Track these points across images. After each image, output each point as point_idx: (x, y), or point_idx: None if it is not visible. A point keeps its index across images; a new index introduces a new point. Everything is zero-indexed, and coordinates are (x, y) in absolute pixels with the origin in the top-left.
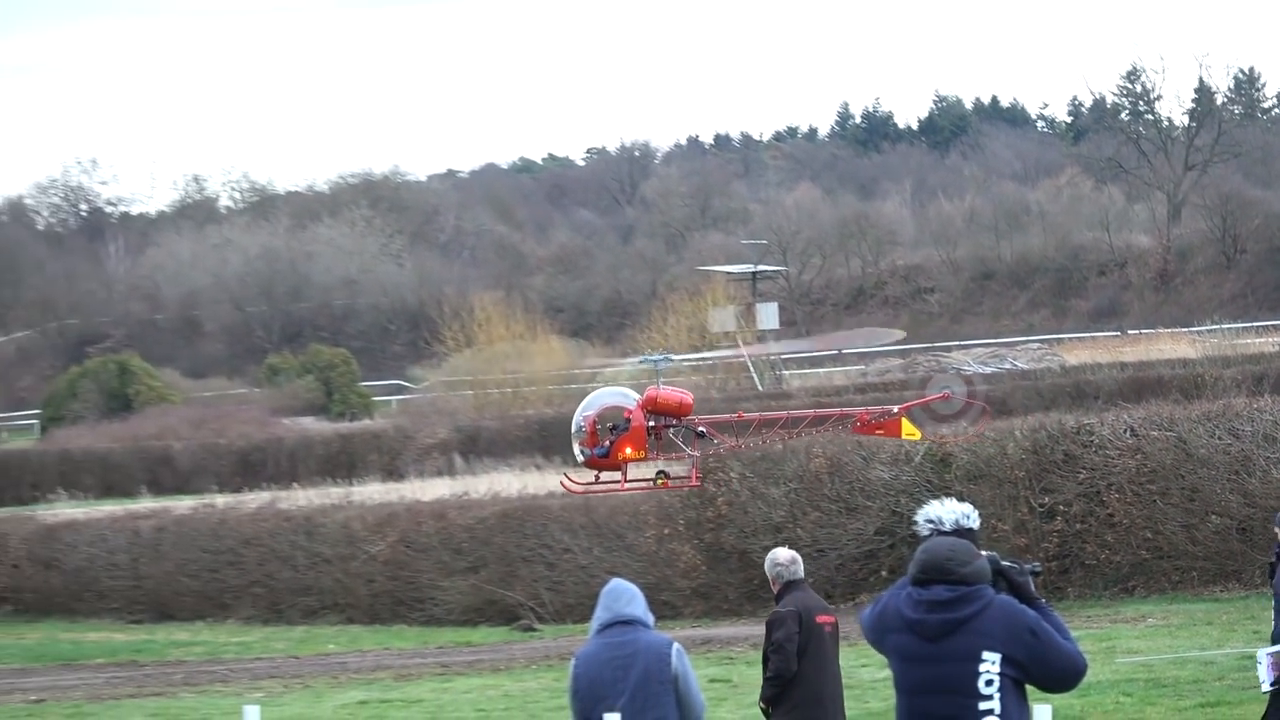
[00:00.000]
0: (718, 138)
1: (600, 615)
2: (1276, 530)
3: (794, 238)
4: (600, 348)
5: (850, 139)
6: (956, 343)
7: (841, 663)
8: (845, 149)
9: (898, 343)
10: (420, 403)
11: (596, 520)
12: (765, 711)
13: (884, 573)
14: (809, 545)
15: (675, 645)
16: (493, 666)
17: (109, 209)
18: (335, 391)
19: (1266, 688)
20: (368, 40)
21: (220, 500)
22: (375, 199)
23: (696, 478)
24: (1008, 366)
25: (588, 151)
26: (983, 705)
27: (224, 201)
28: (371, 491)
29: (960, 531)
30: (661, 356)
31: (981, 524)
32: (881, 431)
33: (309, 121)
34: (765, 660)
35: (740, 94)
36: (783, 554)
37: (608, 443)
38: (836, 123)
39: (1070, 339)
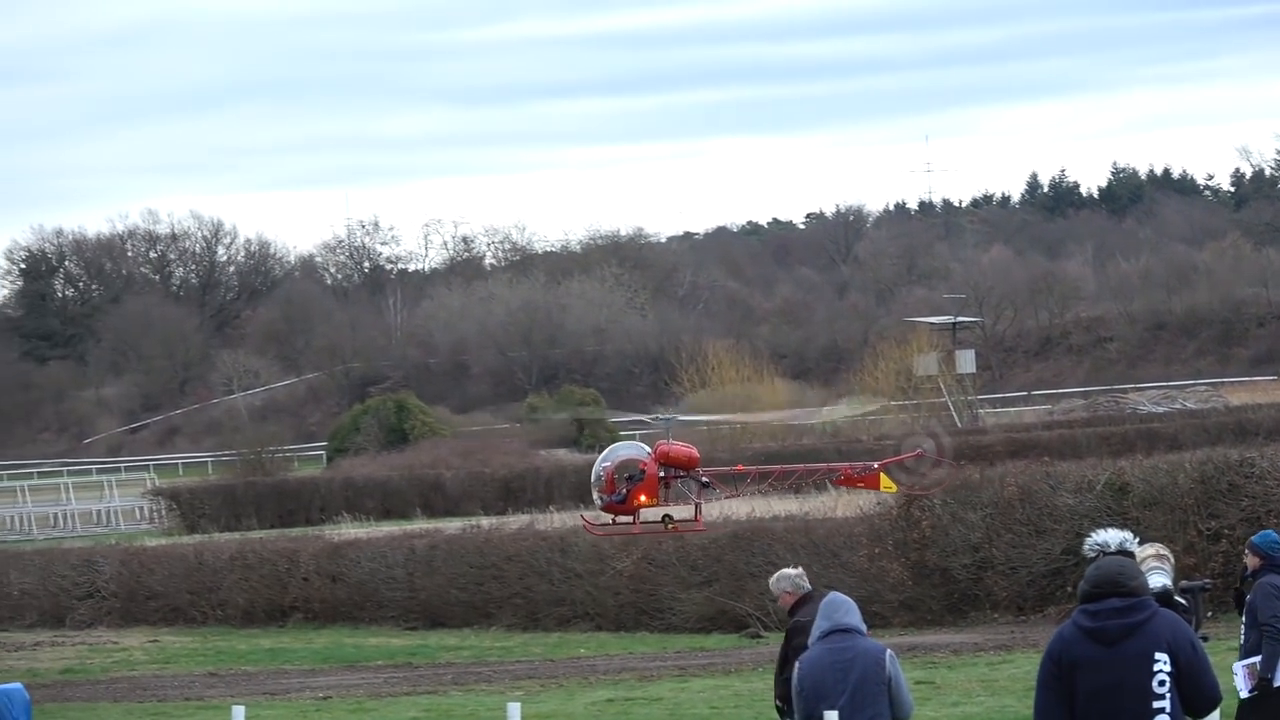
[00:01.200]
0: (922, 204)
1: (820, 624)
2: (1246, 556)
3: (989, 293)
4: (818, 389)
5: (1039, 205)
6: (1132, 385)
7: None
8: (1034, 214)
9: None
10: (660, 437)
11: (815, 540)
12: (780, 709)
13: (1069, 588)
14: (1003, 564)
15: (888, 651)
16: (724, 669)
17: (388, 266)
18: (585, 426)
19: (1244, 695)
20: (610, 118)
21: (485, 522)
22: (622, 258)
23: (700, 521)
24: (1178, 406)
25: (807, 216)
26: (1155, 704)
27: (489, 260)
28: None
29: (1123, 552)
30: (670, 417)
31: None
32: (862, 485)
33: (563, 186)
34: (782, 663)
35: (941, 165)
36: (792, 570)
37: (624, 490)
38: (1026, 191)
39: (1233, 382)
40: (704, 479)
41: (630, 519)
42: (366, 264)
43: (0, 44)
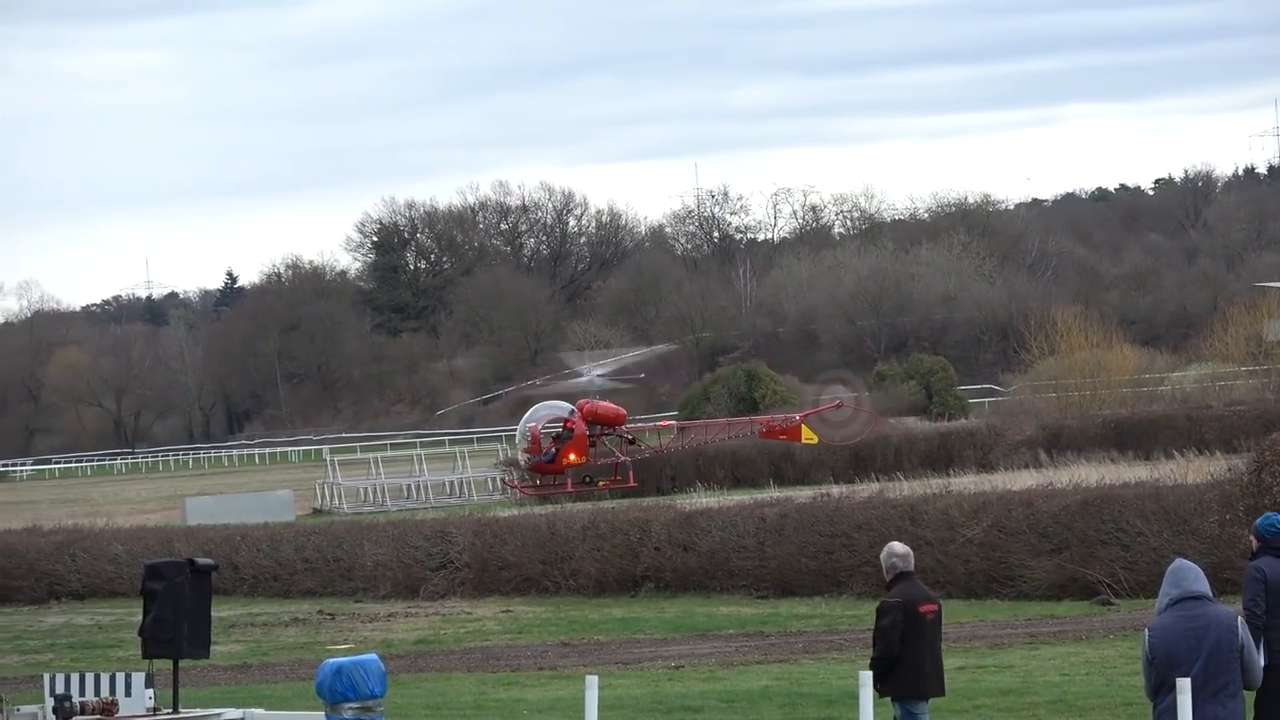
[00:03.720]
0: (1271, 169)
1: (1170, 591)
2: (1252, 539)
3: None
4: (1167, 356)
5: None
6: None
7: None
8: None
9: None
10: (1009, 404)
11: (1165, 506)
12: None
13: None
14: None
15: (1239, 617)
16: (1074, 637)
17: (737, 236)
18: (934, 395)
19: None
20: (957, 85)
21: (835, 490)
22: (970, 225)
23: (632, 479)
24: None
25: (1156, 182)
26: None
27: (837, 229)
28: (967, 482)
29: None
30: (592, 374)
31: None
32: (785, 436)
33: (911, 154)
34: (875, 642)
35: None
36: (899, 547)
37: (553, 450)
38: None
39: None
40: (630, 436)
41: (562, 479)
42: (716, 234)
43: (354, 20)
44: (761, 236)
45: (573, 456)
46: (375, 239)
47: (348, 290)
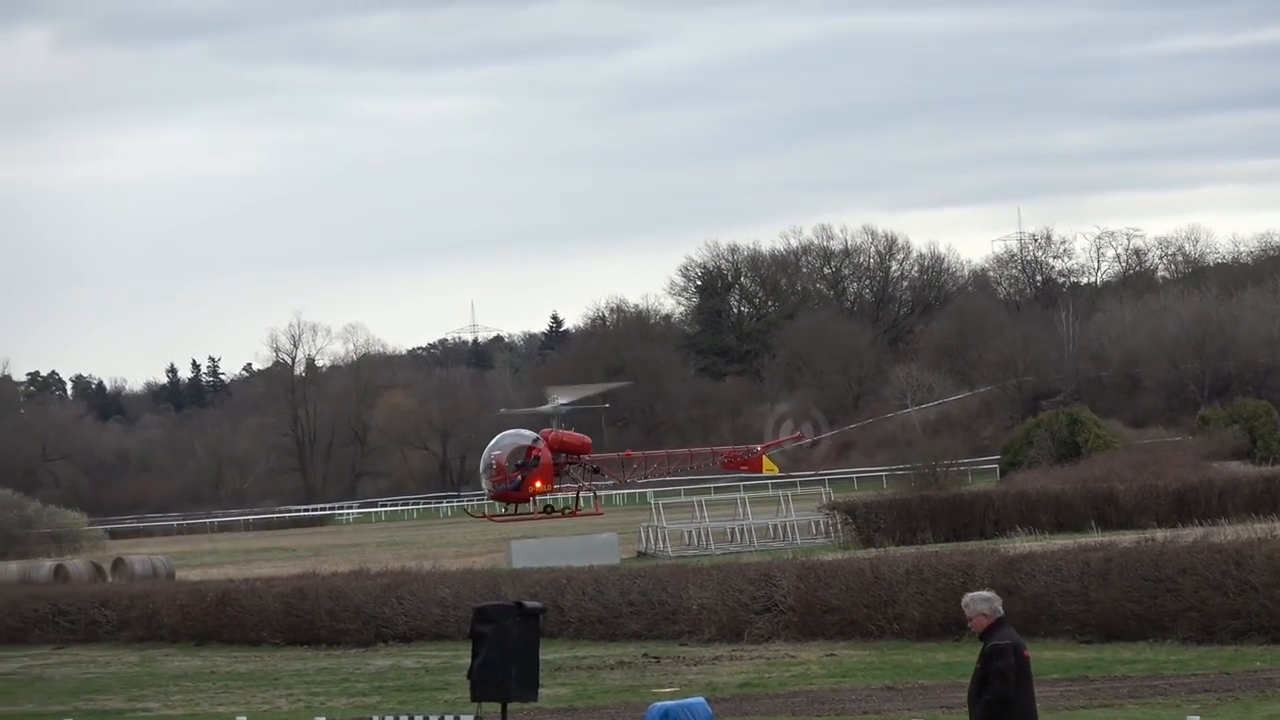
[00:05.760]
0: None
1: None
2: None
3: None
4: None
5: None
6: None
7: None
8: None
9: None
10: None
11: None
12: None
13: None
14: None
15: None
16: None
17: (1060, 279)
18: (1258, 439)
19: None
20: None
21: (1159, 535)
22: None
23: (598, 508)
24: None
25: None
26: None
27: (1160, 272)
28: None
29: None
30: (563, 402)
31: None
32: (746, 468)
33: (1233, 198)
34: (980, 685)
35: None
36: (986, 593)
37: (519, 477)
38: None
39: None
40: (594, 465)
41: (527, 506)
42: (1039, 277)
43: (677, 66)
44: (1084, 280)
45: (539, 484)
46: (699, 282)
47: (672, 334)
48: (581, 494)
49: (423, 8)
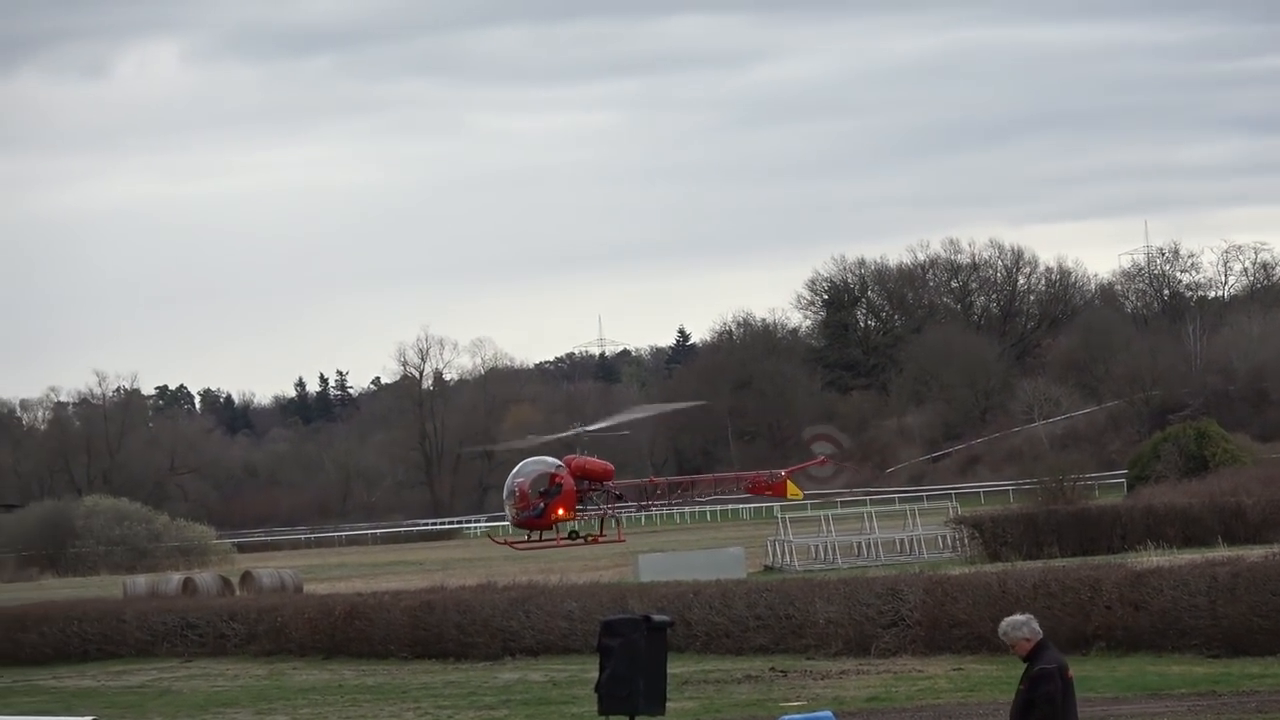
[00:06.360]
0: None
1: None
2: None
3: None
4: None
5: None
6: None
7: None
8: None
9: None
10: None
11: None
12: None
13: None
14: None
15: None
16: None
17: (1188, 293)
18: None
19: None
20: None
21: None
22: None
23: (620, 534)
24: None
25: None
26: None
27: None
28: None
29: None
30: (580, 429)
31: None
32: (770, 492)
33: None
34: (1025, 708)
35: None
36: (1022, 617)
37: (541, 505)
38: None
39: None
40: (617, 491)
41: (551, 533)
42: (1166, 291)
43: (800, 79)
44: (1212, 294)
45: (561, 511)
46: (826, 296)
47: (798, 348)
48: (604, 520)
49: (546, 23)
